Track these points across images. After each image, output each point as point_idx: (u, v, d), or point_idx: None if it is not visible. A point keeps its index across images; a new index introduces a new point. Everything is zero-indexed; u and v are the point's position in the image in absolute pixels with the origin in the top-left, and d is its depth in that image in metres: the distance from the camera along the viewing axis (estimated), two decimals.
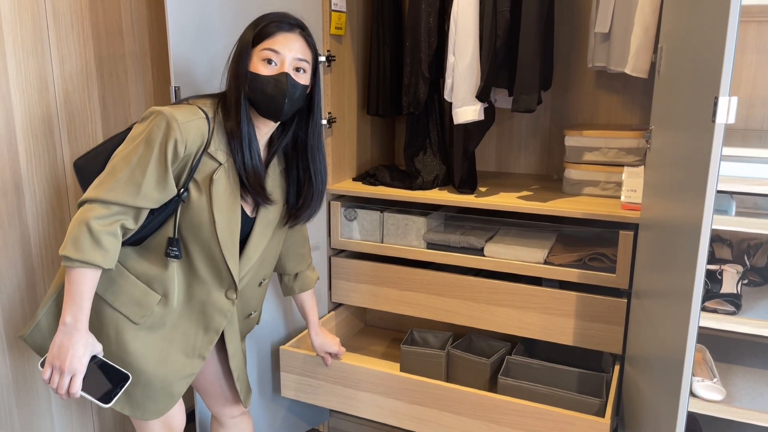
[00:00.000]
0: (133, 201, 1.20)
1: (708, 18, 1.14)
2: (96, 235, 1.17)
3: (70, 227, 1.18)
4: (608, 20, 1.91)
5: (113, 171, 1.21)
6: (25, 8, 1.60)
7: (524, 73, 1.82)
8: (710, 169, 1.07)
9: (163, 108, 1.23)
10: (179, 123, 1.21)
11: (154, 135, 1.21)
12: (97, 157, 1.30)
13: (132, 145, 1.22)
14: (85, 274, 1.19)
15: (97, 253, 1.18)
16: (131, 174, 1.20)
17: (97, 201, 1.19)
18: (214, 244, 1.32)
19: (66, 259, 1.17)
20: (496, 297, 1.96)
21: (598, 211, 1.79)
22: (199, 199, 1.29)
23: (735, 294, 1.54)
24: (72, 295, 1.18)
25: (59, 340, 1.19)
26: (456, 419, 1.78)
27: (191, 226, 1.31)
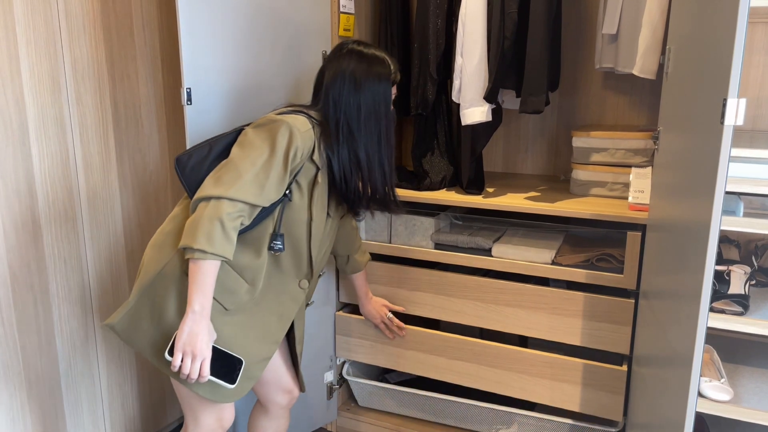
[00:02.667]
0: (255, 200, 1.31)
1: (716, 19, 1.15)
2: (227, 231, 1.28)
3: (199, 222, 1.27)
4: (616, 21, 1.91)
5: (238, 172, 1.30)
6: (37, 11, 1.62)
7: (532, 74, 1.83)
8: (719, 171, 1.08)
9: (284, 117, 1.36)
10: (301, 132, 1.35)
11: (279, 141, 1.32)
12: (204, 159, 1.40)
13: (256, 149, 1.33)
14: (214, 266, 1.29)
15: (227, 246, 1.29)
16: (256, 176, 1.31)
17: (226, 198, 1.28)
18: (304, 239, 1.47)
19: (199, 252, 1.26)
20: (503, 297, 1.97)
21: (605, 212, 1.80)
22: (300, 199, 1.43)
23: (743, 295, 1.54)
24: (200, 284, 1.28)
25: (188, 327, 1.28)
26: (491, 371, 2.02)
27: (288, 223, 1.44)
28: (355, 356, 2.25)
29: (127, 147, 1.93)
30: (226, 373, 1.36)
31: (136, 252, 2.01)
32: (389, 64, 1.50)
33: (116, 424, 2.01)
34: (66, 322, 1.80)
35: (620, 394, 1.85)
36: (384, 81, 1.47)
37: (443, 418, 2.23)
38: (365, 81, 1.45)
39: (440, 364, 2.11)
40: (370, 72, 1.46)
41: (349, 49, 1.49)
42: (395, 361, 2.19)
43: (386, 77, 1.48)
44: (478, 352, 2.03)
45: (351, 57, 1.47)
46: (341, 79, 1.45)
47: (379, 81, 1.46)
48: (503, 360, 2.00)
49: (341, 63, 1.46)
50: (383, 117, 1.48)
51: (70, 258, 1.80)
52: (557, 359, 1.92)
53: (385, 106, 1.49)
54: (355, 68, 1.45)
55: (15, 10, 1.57)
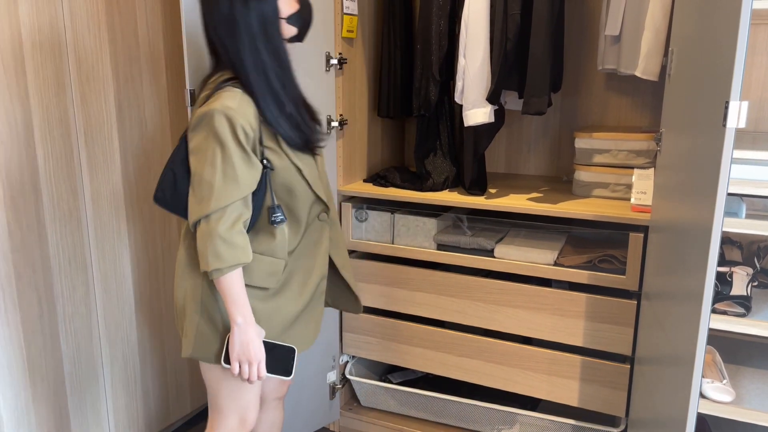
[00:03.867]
0: (238, 194, 1.29)
1: (719, 22, 1.15)
2: (231, 239, 1.28)
3: (202, 245, 1.29)
4: (618, 23, 1.91)
5: (207, 182, 1.28)
6: (43, 12, 1.63)
7: (534, 76, 1.84)
8: (721, 173, 1.08)
9: (212, 105, 1.29)
10: (235, 110, 1.28)
11: (221, 132, 1.27)
12: (176, 184, 1.38)
13: (207, 151, 1.29)
14: (235, 277, 1.31)
15: (238, 252, 1.30)
16: (224, 175, 1.28)
17: (212, 213, 1.28)
18: (304, 189, 1.43)
19: (215, 272, 1.29)
20: (506, 298, 1.97)
21: (608, 213, 1.80)
22: (280, 160, 1.38)
23: (745, 296, 1.54)
24: (232, 297, 1.32)
25: (238, 338, 1.34)
26: (497, 368, 2.05)
27: (283, 187, 1.40)
28: (362, 353, 2.27)
29: (131, 148, 1.94)
30: (281, 366, 1.42)
31: (140, 252, 2.02)
32: None
33: (120, 424, 2.02)
34: (70, 321, 1.81)
35: (623, 390, 1.85)
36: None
37: (445, 418, 2.23)
38: (243, 20, 1.29)
39: (447, 361, 2.12)
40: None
41: None
42: (402, 357, 2.21)
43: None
44: (484, 349, 2.05)
45: None
46: (224, 28, 1.31)
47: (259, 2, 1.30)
48: (509, 357, 2.02)
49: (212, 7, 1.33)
50: (276, 35, 1.34)
51: (75, 258, 1.81)
52: (562, 356, 1.93)
53: (275, 23, 1.33)
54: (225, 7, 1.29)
55: (20, 11, 1.58)
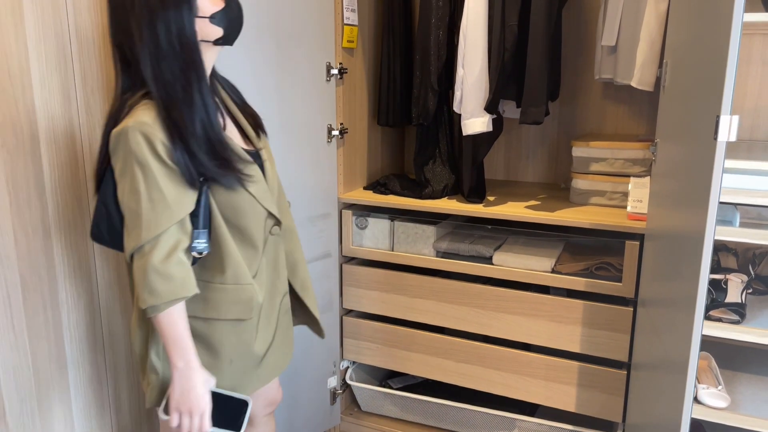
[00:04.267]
0: (171, 218, 1.17)
1: (710, 35, 1.18)
2: (164, 272, 1.15)
3: (137, 280, 1.17)
4: (615, 34, 1.95)
5: (134, 212, 1.17)
6: (48, 26, 1.66)
7: (532, 86, 1.87)
8: (713, 184, 1.11)
9: (124, 125, 1.16)
10: (149, 123, 1.15)
11: (139, 151, 1.14)
12: (111, 218, 1.27)
13: (128, 176, 1.17)
14: (174, 313, 1.18)
15: (174, 286, 1.16)
16: (149, 199, 1.15)
17: (144, 244, 1.16)
18: (253, 205, 1.29)
19: (151, 309, 1.16)
20: (504, 305, 2.00)
21: (604, 221, 1.83)
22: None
23: (739, 303, 1.57)
24: (172, 338, 1.19)
25: (178, 385, 1.21)
26: (496, 374, 2.10)
27: (228, 205, 1.26)
28: (363, 359, 2.29)
29: None
30: (230, 420, 1.27)
31: None
32: None
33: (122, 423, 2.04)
34: (75, 328, 1.84)
35: (620, 395, 1.88)
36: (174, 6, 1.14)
37: (445, 423, 2.26)
38: (156, 23, 1.14)
39: (447, 367, 2.15)
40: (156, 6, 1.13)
41: None
42: (403, 363, 2.23)
43: None
44: (483, 355, 2.09)
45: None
46: (133, 37, 1.16)
47: (166, 9, 1.14)
48: (507, 363, 2.05)
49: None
50: (191, 46, 1.18)
51: (79, 266, 1.83)
52: (560, 362, 1.96)
53: (189, 32, 1.16)
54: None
55: (26, 23, 1.61)
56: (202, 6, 1.18)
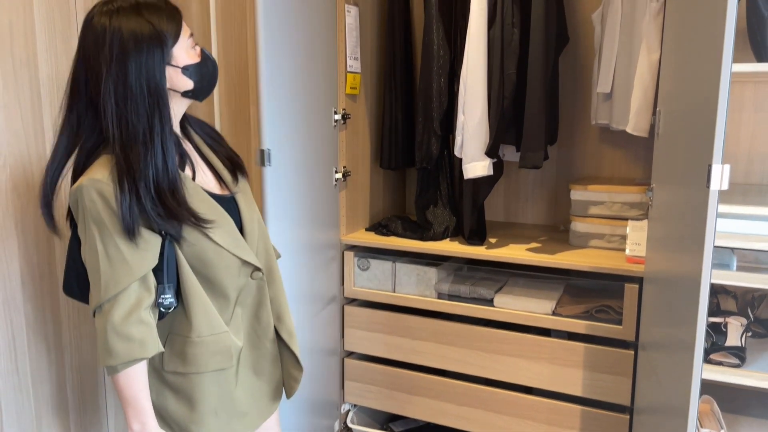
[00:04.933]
0: (130, 276, 1.12)
1: (700, 86, 1.22)
2: (123, 332, 1.11)
3: (98, 339, 1.13)
4: (609, 81, 2.00)
5: (95, 271, 1.13)
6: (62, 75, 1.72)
7: (531, 131, 1.91)
8: (707, 231, 1.14)
9: (80, 182, 1.13)
10: (103, 180, 1.11)
11: (93, 209, 1.11)
12: (80, 274, 1.24)
13: (86, 235, 1.14)
14: (131, 374, 1.14)
15: (132, 347, 1.12)
16: (107, 258, 1.11)
17: (103, 303, 1.12)
18: (221, 255, 1.24)
19: (109, 369, 1.13)
20: (506, 347, 2.00)
21: (604, 264, 1.85)
22: (185, 234, 1.18)
23: (739, 347, 1.58)
24: (128, 399, 1.15)
25: None
26: (498, 417, 2.10)
27: (194, 257, 1.21)
28: (364, 401, 2.28)
29: None
30: None
31: None
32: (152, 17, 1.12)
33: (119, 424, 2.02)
34: (77, 371, 1.84)
35: None
36: (147, 49, 1.11)
37: None
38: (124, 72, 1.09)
39: (448, 410, 2.14)
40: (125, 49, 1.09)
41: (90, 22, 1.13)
42: (404, 406, 2.22)
43: (150, 40, 1.11)
44: (484, 398, 2.08)
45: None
46: (99, 86, 1.11)
47: (139, 51, 1.10)
48: (509, 406, 2.05)
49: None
50: (158, 93, 1.13)
51: (84, 308, 1.85)
52: (562, 406, 1.96)
53: (159, 78, 1.13)
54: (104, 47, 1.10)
55: (40, 73, 1.67)
56: (177, 55, 1.16)
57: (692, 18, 1.33)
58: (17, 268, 1.65)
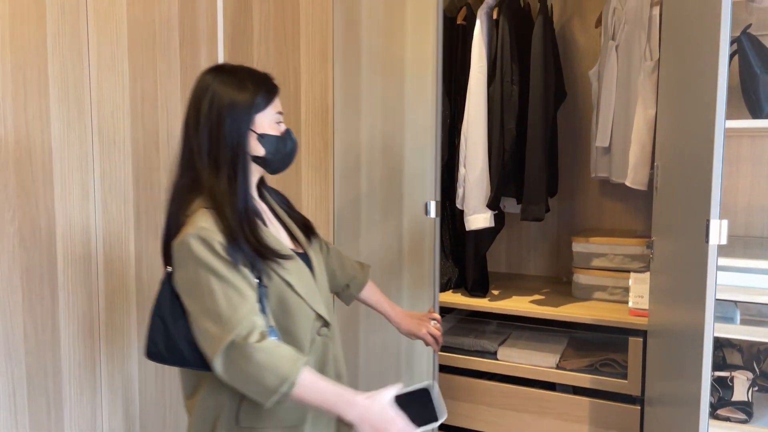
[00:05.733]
0: (249, 308, 1.16)
1: (696, 142, 1.25)
2: (270, 350, 1.13)
3: (248, 375, 1.12)
4: (608, 135, 2.05)
5: (214, 313, 1.15)
6: (73, 129, 1.77)
7: (531, 184, 1.94)
8: (707, 285, 1.15)
9: (183, 234, 1.20)
10: (207, 229, 1.18)
11: (203, 256, 1.16)
12: (167, 332, 1.24)
13: (198, 282, 1.17)
14: (307, 379, 1.13)
15: (290, 354, 1.14)
16: (225, 297, 1.15)
17: (234, 338, 1.12)
18: (299, 305, 1.28)
19: (286, 388, 1.11)
20: (510, 402, 1.98)
21: (607, 317, 1.85)
22: (266, 278, 1.24)
23: (746, 401, 1.56)
24: (321, 398, 1.14)
25: (365, 427, 1.14)
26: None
27: (278, 306, 1.26)
28: None
29: (145, 251, 2.02)
30: (423, 412, 1.21)
31: None
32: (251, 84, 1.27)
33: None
34: (76, 425, 1.82)
35: None
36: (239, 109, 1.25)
37: None
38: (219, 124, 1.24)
39: None
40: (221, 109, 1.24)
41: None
42: None
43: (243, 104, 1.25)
44: None
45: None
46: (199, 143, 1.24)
47: (233, 109, 1.25)
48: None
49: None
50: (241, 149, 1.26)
51: (84, 361, 1.84)
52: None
53: (243, 135, 1.26)
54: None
55: (53, 129, 1.71)
56: (260, 123, 1.27)
57: (686, 77, 1.37)
58: (20, 320, 1.65)
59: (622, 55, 2.00)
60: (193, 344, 1.20)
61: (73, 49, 1.75)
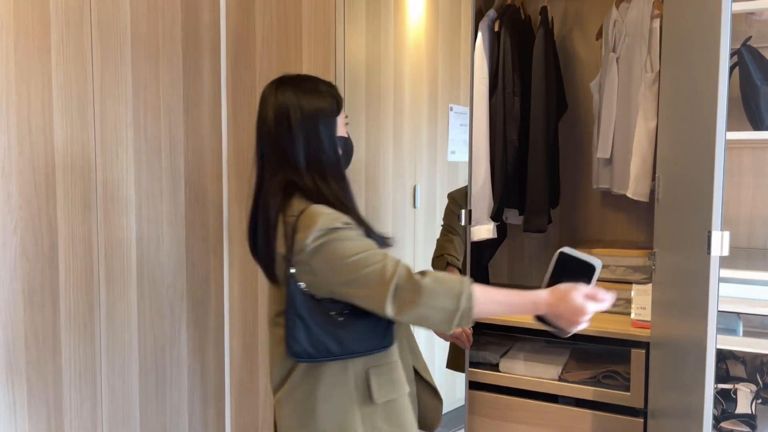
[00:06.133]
0: (390, 256, 1.18)
1: (696, 154, 1.25)
2: (436, 276, 1.14)
3: (425, 313, 1.13)
4: (609, 147, 2.05)
5: (370, 272, 1.16)
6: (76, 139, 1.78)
7: (534, 196, 1.95)
8: (710, 297, 1.14)
9: (307, 229, 1.20)
10: (333, 212, 1.22)
11: (343, 230, 1.20)
12: (308, 329, 1.24)
13: (348, 256, 1.18)
14: (480, 294, 1.15)
15: (453, 276, 1.16)
16: (372, 255, 1.17)
17: (395, 284, 1.13)
18: None
19: (466, 309, 1.12)
20: (512, 414, 1.97)
21: (609, 329, 1.84)
22: None
23: (750, 414, 1.55)
24: (504, 304, 1.18)
25: (562, 321, 1.18)
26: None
27: None
28: None
29: (147, 262, 2.03)
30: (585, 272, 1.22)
31: (148, 364, 2.04)
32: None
33: None
34: None
35: None
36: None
37: None
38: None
39: None
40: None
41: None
42: None
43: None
44: None
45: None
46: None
47: (327, 117, 1.33)
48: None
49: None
50: None
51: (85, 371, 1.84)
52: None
53: (336, 135, 1.35)
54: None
55: (55, 140, 1.72)
56: (339, 125, 1.33)
57: (686, 89, 1.38)
58: (22, 331, 1.65)
59: (623, 67, 2.01)
60: (334, 335, 1.22)
61: (77, 60, 1.77)
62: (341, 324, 1.22)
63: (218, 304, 2.31)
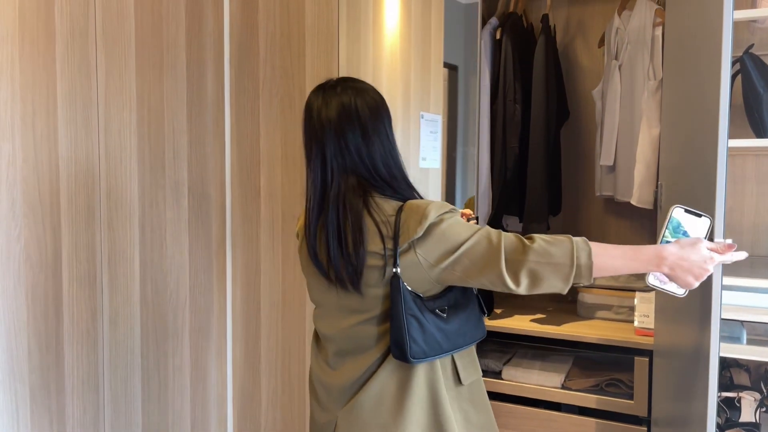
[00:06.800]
0: (495, 231, 1.21)
1: (699, 162, 1.25)
2: (545, 240, 1.18)
3: (542, 276, 1.17)
4: (612, 154, 2.05)
5: (484, 250, 1.18)
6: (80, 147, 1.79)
7: (533, 203, 1.95)
8: (713, 305, 1.14)
9: (431, 217, 1.21)
10: (421, 205, 1.23)
11: (443, 205, 1.23)
12: (422, 328, 1.26)
13: (461, 243, 1.20)
14: (596, 249, 1.17)
15: (567, 239, 1.19)
16: (478, 235, 1.19)
17: (502, 255, 1.16)
18: None
19: (581, 271, 1.16)
20: (515, 422, 1.96)
21: (612, 336, 1.84)
22: None
23: (754, 423, 1.54)
24: (628, 261, 1.17)
25: (677, 282, 1.16)
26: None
27: None
28: None
29: (150, 269, 2.03)
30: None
31: (151, 370, 2.04)
32: None
33: None
34: None
35: None
36: None
37: None
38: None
39: None
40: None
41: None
42: None
43: None
44: None
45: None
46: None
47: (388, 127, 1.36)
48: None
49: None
50: None
51: (88, 379, 1.84)
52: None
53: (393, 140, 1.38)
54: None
55: (60, 148, 1.73)
56: None
57: (689, 96, 1.38)
58: (25, 338, 1.66)
59: (626, 74, 2.02)
60: (443, 331, 1.25)
61: (81, 68, 1.78)
62: (445, 319, 1.26)
63: (221, 312, 2.31)
